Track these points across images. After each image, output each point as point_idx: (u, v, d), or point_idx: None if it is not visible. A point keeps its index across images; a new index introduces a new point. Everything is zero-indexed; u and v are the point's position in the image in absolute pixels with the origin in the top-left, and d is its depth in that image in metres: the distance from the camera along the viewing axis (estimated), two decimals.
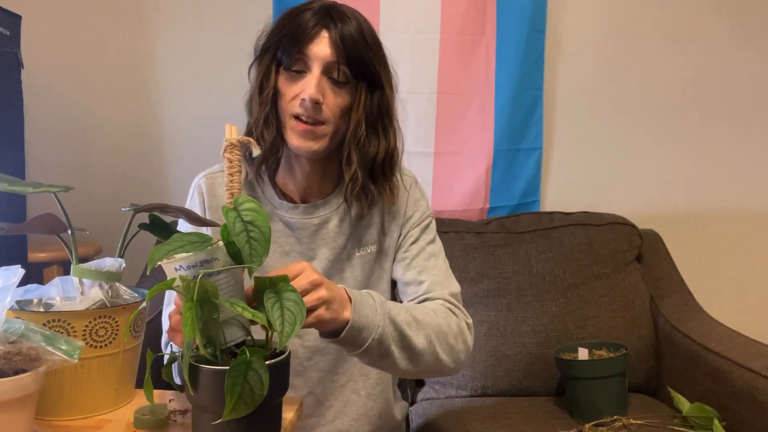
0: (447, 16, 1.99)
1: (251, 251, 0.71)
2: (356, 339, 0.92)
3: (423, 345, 0.99)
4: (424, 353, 1.00)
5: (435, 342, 1.01)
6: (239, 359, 0.66)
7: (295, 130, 1.05)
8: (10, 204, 1.66)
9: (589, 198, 2.07)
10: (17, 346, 0.68)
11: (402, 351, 0.98)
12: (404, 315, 0.98)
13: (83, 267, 0.81)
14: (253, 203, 0.74)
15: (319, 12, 1.04)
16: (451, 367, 1.06)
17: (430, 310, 1.05)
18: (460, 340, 1.07)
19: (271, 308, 0.70)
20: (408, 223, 1.17)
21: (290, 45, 1.03)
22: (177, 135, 2.09)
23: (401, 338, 0.97)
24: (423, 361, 1.01)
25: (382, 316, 0.94)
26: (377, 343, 0.94)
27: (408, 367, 1.00)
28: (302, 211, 1.13)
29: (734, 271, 2.13)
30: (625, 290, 1.73)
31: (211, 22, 2.05)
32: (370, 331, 0.93)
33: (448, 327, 1.04)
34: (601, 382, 1.46)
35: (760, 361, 1.37)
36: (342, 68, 1.03)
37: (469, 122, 2.04)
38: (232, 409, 0.65)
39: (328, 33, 1.03)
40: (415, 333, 0.99)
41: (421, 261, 1.15)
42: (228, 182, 0.85)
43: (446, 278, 1.15)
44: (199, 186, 1.15)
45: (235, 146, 0.86)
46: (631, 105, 2.09)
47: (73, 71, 2.08)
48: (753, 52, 2.08)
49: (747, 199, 2.12)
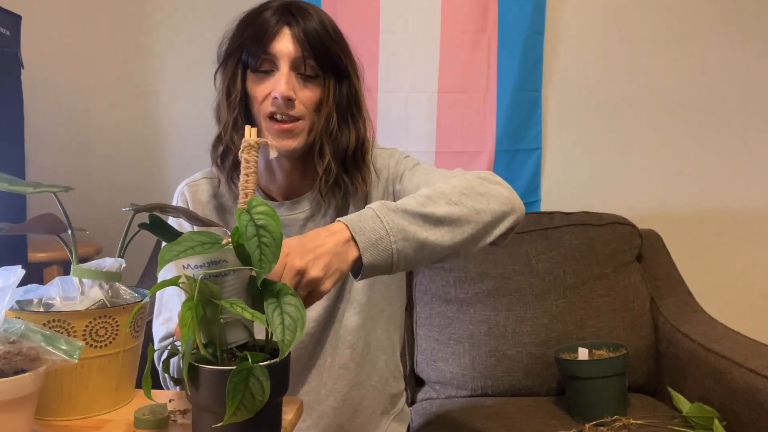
0: (447, 14, 1.98)
1: (261, 257, 0.69)
2: (379, 254, 0.85)
3: (451, 209, 0.92)
4: (460, 215, 0.92)
5: (462, 199, 0.94)
6: (241, 366, 0.66)
7: (271, 131, 1.05)
8: (10, 204, 1.66)
9: (589, 198, 2.07)
10: (17, 346, 0.68)
11: (435, 229, 0.90)
12: (412, 201, 0.91)
13: (83, 267, 0.81)
14: (266, 206, 0.72)
15: (278, 10, 1.04)
16: (505, 209, 0.98)
17: (440, 185, 0.98)
18: (489, 183, 1.00)
19: (271, 314, 0.69)
20: (388, 173, 1.15)
21: (254, 46, 1.04)
22: (177, 135, 2.09)
23: (424, 218, 0.90)
24: (466, 222, 0.92)
25: (387, 215, 0.87)
26: (402, 240, 0.86)
27: (456, 237, 0.91)
28: (287, 207, 1.13)
29: (734, 271, 2.13)
30: (625, 290, 1.73)
31: (211, 23, 2.04)
32: (385, 238, 0.85)
33: (466, 183, 0.98)
34: (601, 382, 1.45)
35: (760, 361, 1.37)
36: (309, 62, 1.04)
37: (470, 121, 2.03)
38: (233, 414, 0.65)
39: (290, 29, 1.03)
40: (435, 205, 0.91)
41: (415, 179, 1.11)
42: (243, 182, 0.85)
43: (444, 174, 1.09)
44: (182, 194, 1.16)
45: (252, 147, 0.86)
46: (630, 105, 2.09)
47: (73, 71, 2.08)
48: (753, 52, 2.08)
49: (747, 199, 2.12)
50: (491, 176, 1.04)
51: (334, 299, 1.15)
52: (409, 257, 0.88)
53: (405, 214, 0.89)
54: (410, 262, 0.89)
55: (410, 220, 0.89)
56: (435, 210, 0.91)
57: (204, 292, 0.68)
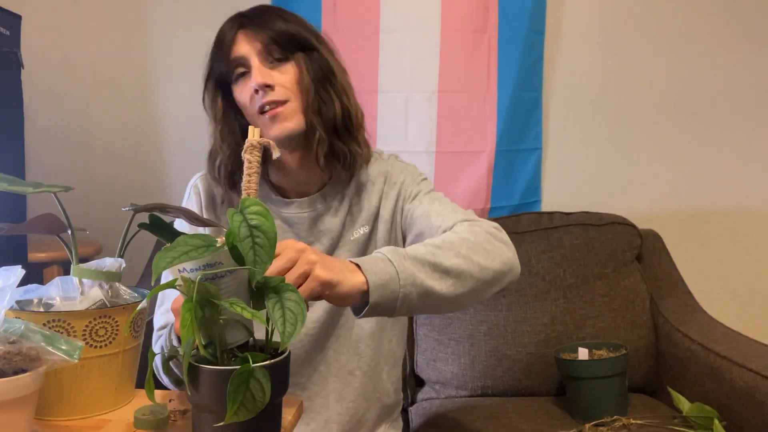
0: (447, 13, 1.98)
1: (255, 257, 0.70)
2: (386, 296, 0.87)
3: (458, 262, 0.94)
4: (465, 269, 0.94)
5: (470, 254, 0.96)
6: (242, 368, 0.66)
7: (265, 123, 1.07)
8: (10, 204, 1.66)
9: (589, 198, 2.07)
10: (17, 346, 0.68)
11: (441, 279, 0.92)
12: (422, 249, 0.94)
13: (83, 267, 0.81)
14: (260, 206, 0.73)
15: (233, 18, 1.12)
16: (504, 270, 1.00)
17: (449, 233, 1.01)
18: (496, 241, 1.02)
19: (272, 309, 0.69)
20: (402, 187, 1.17)
21: (220, 57, 1.10)
22: (177, 135, 2.09)
23: (433, 267, 0.92)
24: (469, 277, 0.95)
25: (399, 260, 0.89)
26: (411, 285, 0.89)
27: (458, 290, 0.94)
28: (297, 206, 1.15)
29: (734, 271, 2.13)
30: (625, 290, 1.73)
31: (210, 23, 2.04)
32: (394, 281, 0.87)
33: (475, 236, 1.00)
34: (601, 382, 1.46)
35: (760, 361, 1.37)
36: (272, 47, 1.08)
37: (470, 121, 2.03)
38: (233, 415, 0.66)
39: (244, 30, 1.09)
40: (444, 256, 0.93)
41: (425, 206, 1.13)
42: (246, 182, 0.85)
43: (454, 210, 1.11)
44: (195, 186, 1.18)
45: (255, 147, 0.87)
46: (630, 105, 2.09)
47: (73, 71, 2.08)
48: (753, 52, 2.08)
49: (747, 199, 2.12)
50: (498, 232, 1.05)
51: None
52: (413, 303, 0.90)
53: (415, 260, 0.91)
54: (413, 308, 0.91)
55: (419, 267, 0.91)
56: (443, 261, 0.93)
57: (202, 293, 0.68)
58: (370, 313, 0.88)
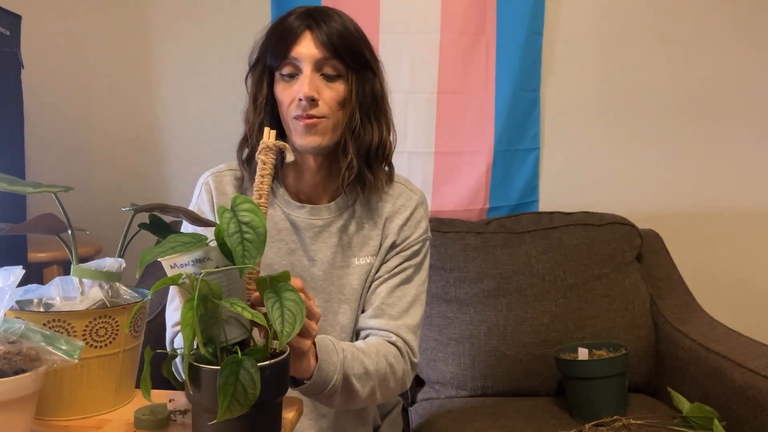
0: (447, 15, 1.99)
1: (244, 252, 0.70)
2: (317, 388, 0.95)
3: (366, 394, 1.04)
4: (364, 399, 1.05)
5: (377, 390, 1.06)
6: (229, 358, 0.66)
7: (298, 129, 1.07)
8: (10, 204, 1.66)
9: (589, 198, 2.07)
10: (17, 346, 0.68)
11: (346, 399, 1.02)
12: (357, 367, 1.01)
13: (83, 267, 0.81)
14: (250, 203, 0.74)
15: (301, 15, 1.08)
16: (380, 403, 1.18)
17: (382, 356, 1.07)
18: (400, 384, 1.12)
19: (271, 308, 0.70)
20: (402, 239, 1.17)
21: (278, 50, 1.07)
22: (177, 135, 2.09)
23: (349, 390, 1.01)
24: (359, 404, 1.06)
25: (340, 370, 0.97)
26: (328, 393, 0.97)
27: (341, 407, 1.07)
28: (308, 211, 1.15)
29: (734, 271, 2.13)
30: (625, 290, 1.73)
31: (210, 23, 2.05)
32: (327, 384, 0.96)
33: (392, 374, 1.08)
34: (601, 382, 1.46)
35: (760, 361, 1.37)
36: (331, 62, 1.06)
37: (469, 122, 2.04)
38: (227, 410, 0.65)
39: (311, 32, 1.06)
40: (362, 385, 1.02)
41: (393, 284, 1.15)
42: (258, 183, 0.86)
43: (408, 309, 1.15)
44: (207, 183, 1.17)
45: (270, 149, 0.87)
46: (629, 105, 2.09)
47: (74, 71, 2.08)
48: (753, 52, 2.08)
49: (747, 199, 2.12)
50: (409, 374, 1.14)
51: (327, 296, 1.16)
52: (316, 398, 0.99)
53: (346, 379, 0.99)
54: (312, 397, 0.99)
55: (341, 385, 0.98)
56: (360, 390, 1.03)
57: (204, 291, 0.68)
58: (299, 388, 0.95)
